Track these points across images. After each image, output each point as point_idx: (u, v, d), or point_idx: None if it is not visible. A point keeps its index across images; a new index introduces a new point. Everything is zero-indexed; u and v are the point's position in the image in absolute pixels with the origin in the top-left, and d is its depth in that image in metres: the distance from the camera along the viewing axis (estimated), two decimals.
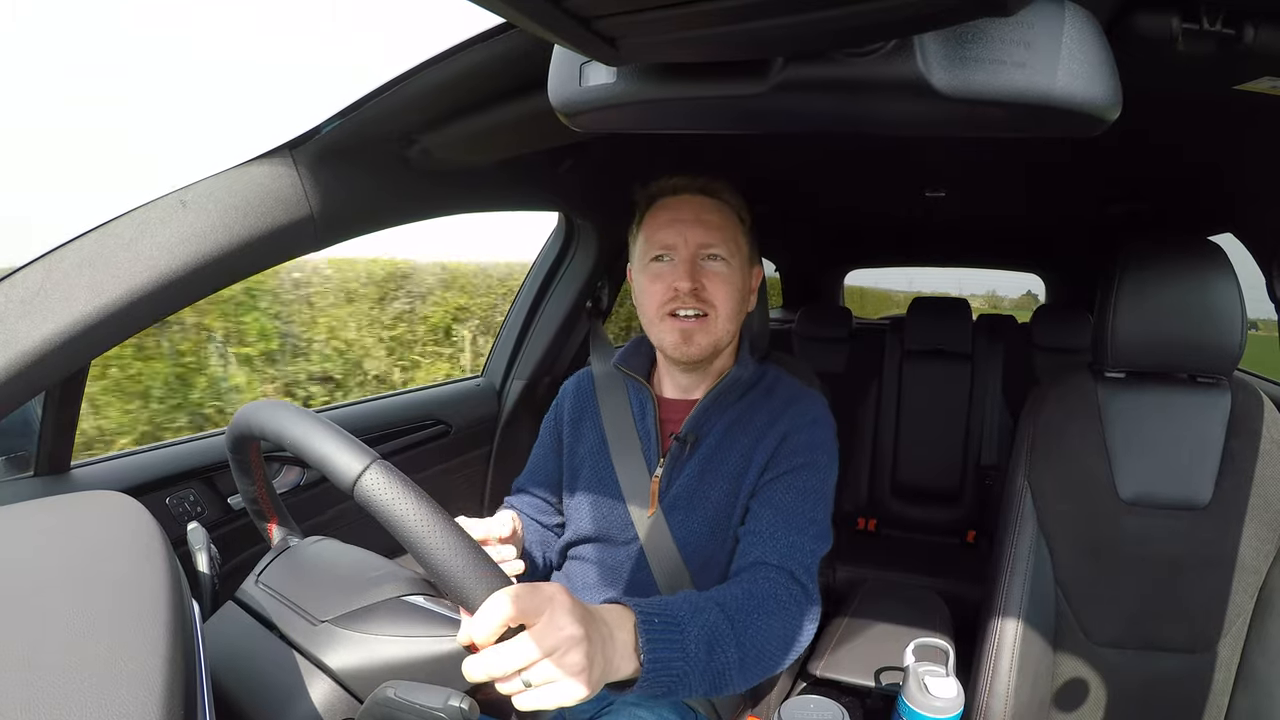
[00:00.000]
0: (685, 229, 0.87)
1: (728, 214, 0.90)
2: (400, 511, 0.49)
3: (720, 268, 0.88)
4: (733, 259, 0.88)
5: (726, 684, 0.65)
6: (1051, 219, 1.97)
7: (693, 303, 0.86)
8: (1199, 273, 0.95)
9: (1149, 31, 0.58)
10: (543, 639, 0.49)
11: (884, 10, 0.38)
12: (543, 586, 0.51)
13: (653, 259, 0.89)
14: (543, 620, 0.50)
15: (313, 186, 0.82)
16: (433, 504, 0.50)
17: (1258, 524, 0.96)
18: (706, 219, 0.88)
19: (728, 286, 0.88)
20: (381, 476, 0.49)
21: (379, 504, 0.49)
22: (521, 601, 0.49)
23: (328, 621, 0.61)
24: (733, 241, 0.89)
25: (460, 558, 0.48)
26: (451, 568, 0.48)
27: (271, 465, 1.11)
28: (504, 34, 0.67)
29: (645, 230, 0.91)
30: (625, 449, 0.94)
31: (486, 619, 0.48)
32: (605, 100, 0.54)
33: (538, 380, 1.66)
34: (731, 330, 0.91)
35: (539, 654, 0.48)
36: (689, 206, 0.88)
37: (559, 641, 0.49)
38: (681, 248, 0.87)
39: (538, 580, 0.98)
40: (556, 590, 0.52)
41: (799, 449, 0.87)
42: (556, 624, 0.50)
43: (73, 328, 0.67)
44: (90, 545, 0.49)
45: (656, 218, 0.90)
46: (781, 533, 0.80)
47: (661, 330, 0.89)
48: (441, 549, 0.48)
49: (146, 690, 0.36)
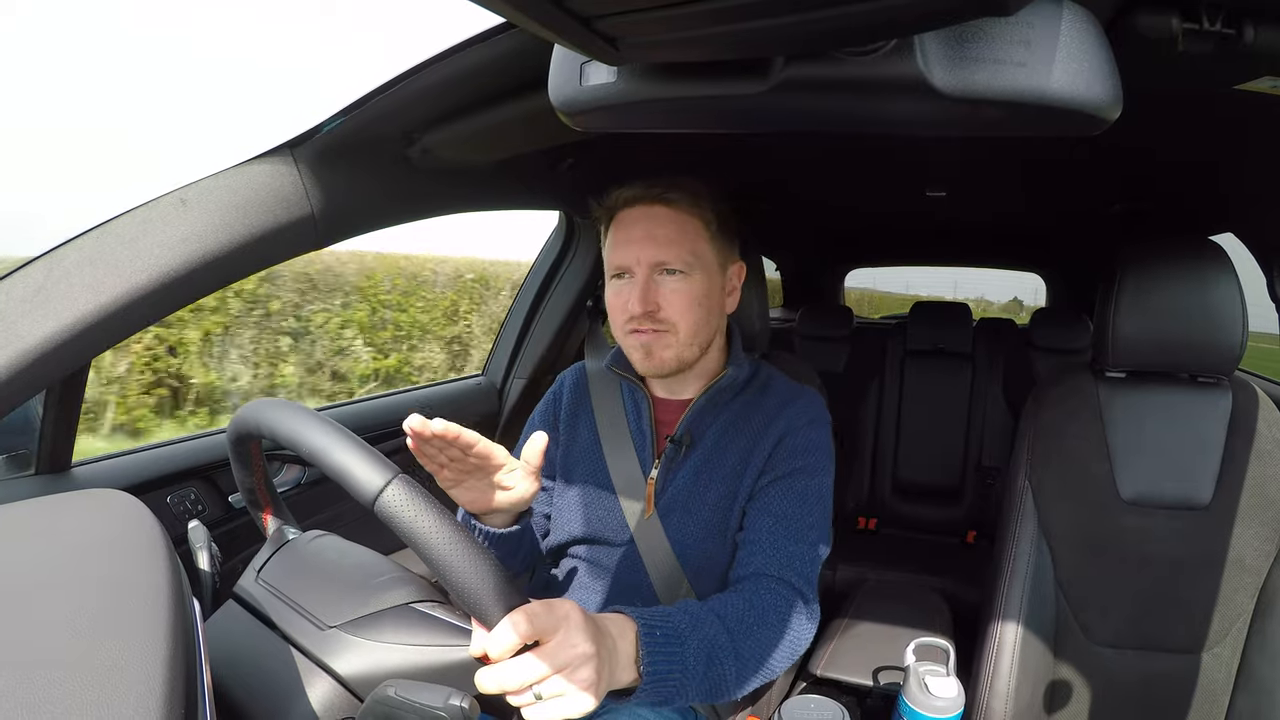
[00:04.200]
0: (636, 249, 0.85)
1: (684, 221, 0.86)
2: (423, 528, 0.50)
3: (677, 283, 0.85)
4: (692, 270, 0.85)
5: (723, 694, 0.67)
6: (1052, 219, 1.97)
7: (648, 324, 0.85)
8: (1200, 272, 0.95)
9: (1149, 31, 0.58)
10: (556, 655, 0.50)
11: (884, 10, 0.38)
12: (558, 605, 0.53)
13: (613, 276, 0.88)
14: (557, 638, 0.51)
15: (314, 185, 0.82)
16: (453, 521, 0.51)
17: (1258, 524, 0.96)
18: (658, 234, 0.84)
19: (685, 300, 0.85)
20: (403, 493, 0.50)
21: (400, 520, 0.50)
22: (538, 620, 0.50)
23: (336, 627, 0.61)
24: (690, 252, 0.85)
25: (480, 576, 0.50)
26: (471, 585, 0.50)
27: (272, 463, 1.11)
28: (505, 33, 0.67)
29: (606, 247, 0.90)
30: (619, 450, 0.93)
31: (503, 636, 0.49)
32: (606, 99, 0.54)
33: (538, 379, 1.66)
34: (699, 341, 0.88)
35: (551, 669, 0.50)
36: (641, 222, 0.86)
37: (571, 658, 0.51)
38: (634, 266, 0.85)
39: (523, 544, 0.93)
40: (571, 608, 0.53)
41: (796, 451, 0.86)
42: (570, 641, 0.51)
43: (74, 326, 0.67)
44: (91, 544, 0.49)
45: (614, 234, 0.88)
46: (781, 541, 0.80)
47: (626, 345, 0.89)
48: (463, 568, 0.49)
49: (147, 690, 0.36)
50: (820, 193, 1.80)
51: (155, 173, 27.86)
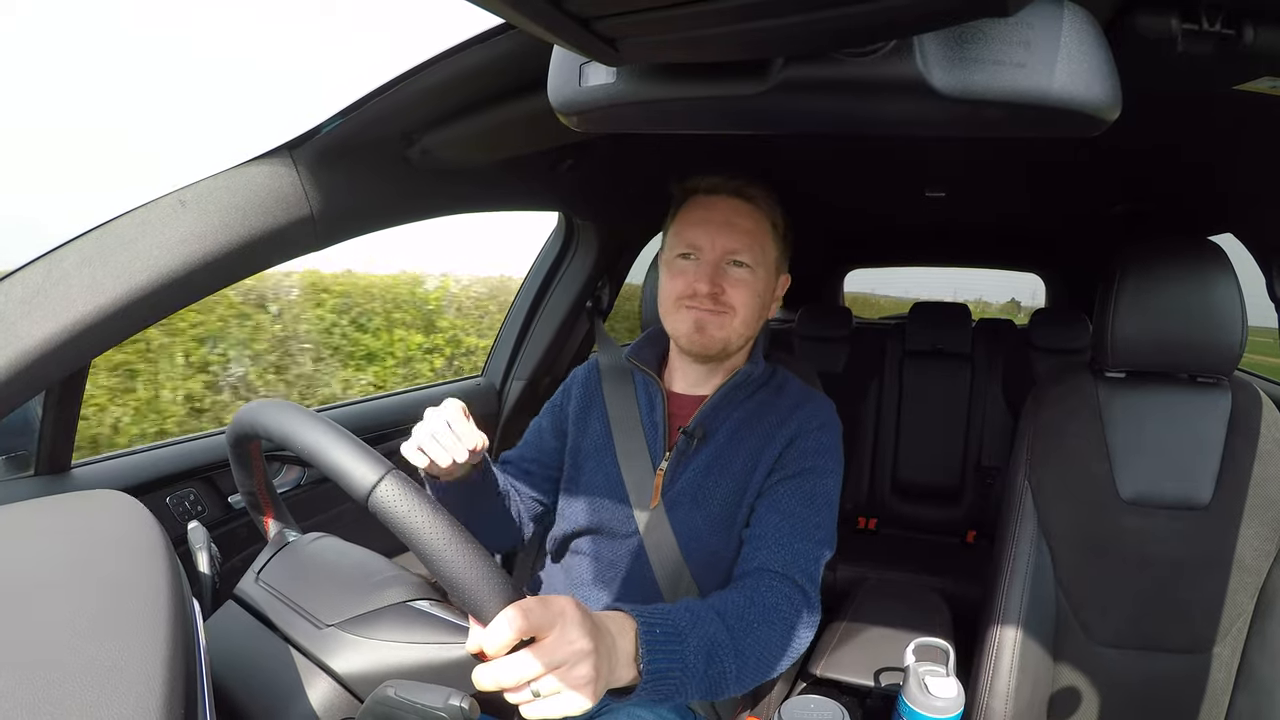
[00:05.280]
0: (714, 231, 0.87)
1: (760, 219, 0.89)
2: (415, 523, 0.49)
3: (744, 274, 0.87)
4: (758, 266, 0.88)
5: (723, 691, 0.67)
6: (1052, 219, 1.97)
7: (710, 304, 0.86)
8: (1199, 273, 0.95)
9: (1148, 31, 0.58)
10: (553, 652, 0.50)
11: (883, 10, 0.38)
12: (554, 600, 0.52)
13: (679, 255, 0.89)
14: (554, 634, 0.50)
15: (313, 186, 0.82)
16: (447, 516, 0.50)
17: (1258, 524, 0.96)
18: (736, 223, 0.87)
19: (748, 292, 0.88)
20: (396, 488, 0.50)
21: (394, 515, 0.50)
22: (534, 615, 0.50)
23: (334, 626, 0.61)
24: (759, 248, 0.88)
25: (475, 571, 0.49)
26: (466, 580, 0.49)
27: (272, 465, 1.11)
28: (504, 34, 0.67)
29: (676, 224, 0.91)
30: (630, 441, 0.93)
31: (499, 632, 0.48)
32: (605, 100, 0.54)
33: (538, 380, 1.66)
34: (746, 334, 0.91)
35: (548, 666, 0.50)
36: (721, 208, 0.88)
37: (569, 655, 0.50)
38: (708, 249, 0.87)
39: (507, 535, 0.96)
40: (568, 604, 0.53)
41: (807, 453, 0.87)
42: (567, 638, 0.51)
43: (73, 327, 0.67)
44: (90, 545, 0.49)
45: (689, 214, 0.89)
46: (787, 539, 0.80)
47: (676, 318, 0.89)
48: (456, 562, 0.49)
49: (147, 690, 0.36)
50: (819, 193, 1.80)
51: (155, 174, 27.81)
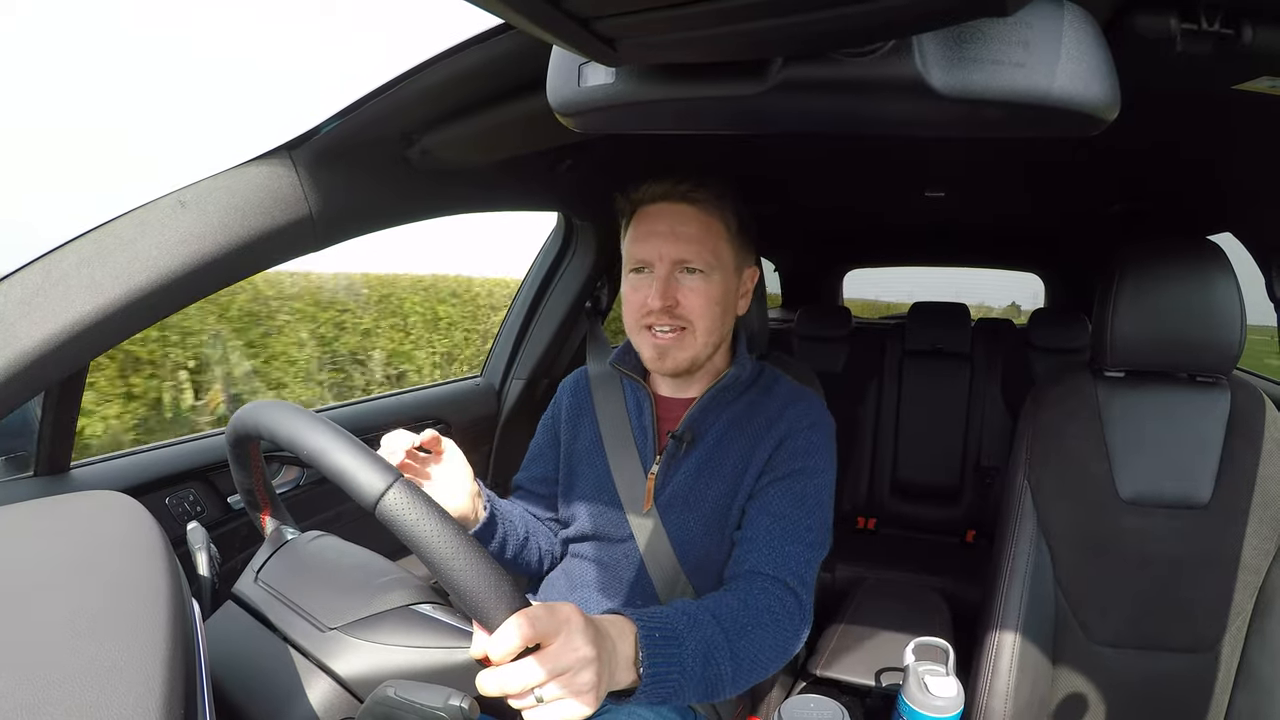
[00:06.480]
0: (660, 244, 0.85)
1: (709, 222, 0.87)
2: (424, 532, 0.50)
3: (696, 282, 0.85)
4: (712, 270, 0.86)
5: (720, 693, 0.68)
6: (1051, 219, 1.97)
7: (666, 319, 0.85)
8: (1198, 272, 0.95)
9: (1147, 31, 0.58)
10: (557, 659, 0.50)
11: (882, 10, 0.38)
12: (559, 608, 0.53)
13: (632, 270, 0.89)
14: (558, 641, 0.51)
15: (312, 187, 0.82)
16: (454, 524, 0.51)
17: (1258, 523, 0.96)
18: (682, 231, 0.85)
19: (704, 300, 0.86)
20: (405, 496, 0.50)
21: (402, 523, 0.50)
22: (539, 623, 0.50)
23: (337, 629, 0.61)
24: (710, 253, 0.86)
25: (482, 579, 0.50)
26: (474, 588, 0.50)
27: (271, 465, 1.11)
28: (503, 35, 0.67)
29: (627, 240, 0.90)
30: (621, 446, 0.94)
31: (506, 639, 0.49)
32: (604, 101, 0.54)
33: (537, 380, 1.66)
34: (713, 341, 0.89)
35: (552, 673, 0.50)
36: (666, 218, 0.86)
37: (573, 662, 0.51)
38: (657, 263, 0.85)
39: (535, 572, 0.98)
40: (572, 611, 0.54)
41: (797, 453, 0.86)
42: (571, 645, 0.52)
43: (72, 328, 0.67)
44: (90, 545, 0.49)
45: (636, 228, 0.88)
46: (778, 541, 0.80)
47: (639, 341, 0.90)
48: (465, 570, 0.49)
49: (146, 690, 0.36)
50: (819, 193, 1.80)
51: (154, 174, 27.78)
